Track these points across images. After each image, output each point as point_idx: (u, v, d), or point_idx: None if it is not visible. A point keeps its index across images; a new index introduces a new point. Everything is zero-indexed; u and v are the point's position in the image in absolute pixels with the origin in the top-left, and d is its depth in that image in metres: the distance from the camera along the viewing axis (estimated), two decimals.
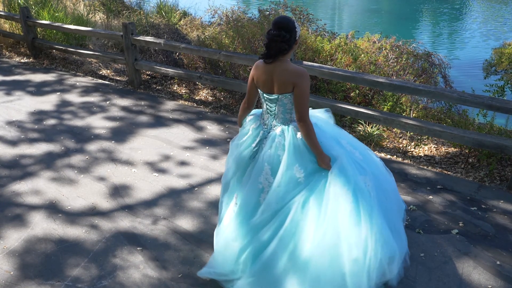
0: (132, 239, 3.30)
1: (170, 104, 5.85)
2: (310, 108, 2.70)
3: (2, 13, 7.98)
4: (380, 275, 2.58)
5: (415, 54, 5.64)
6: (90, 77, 6.91)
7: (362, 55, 5.50)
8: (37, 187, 3.95)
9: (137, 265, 3.05)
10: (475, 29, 13.39)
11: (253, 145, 2.77)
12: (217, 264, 2.78)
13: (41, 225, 3.45)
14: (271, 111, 2.71)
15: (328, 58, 5.62)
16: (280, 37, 2.49)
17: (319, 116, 2.97)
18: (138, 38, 6.06)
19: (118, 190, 3.92)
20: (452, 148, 4.72)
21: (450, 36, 13.17)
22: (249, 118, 2.91)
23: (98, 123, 5.26)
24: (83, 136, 4.93)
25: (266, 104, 2.71)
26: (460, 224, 3.46)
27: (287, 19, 2.55)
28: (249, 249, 2.65)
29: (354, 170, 2.65)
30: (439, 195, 3.84)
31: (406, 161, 4.52)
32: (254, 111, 2.96)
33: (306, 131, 2.57)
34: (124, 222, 3.49)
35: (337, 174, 2.58)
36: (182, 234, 3.36)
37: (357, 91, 5.27)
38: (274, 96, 2.63)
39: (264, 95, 2.68)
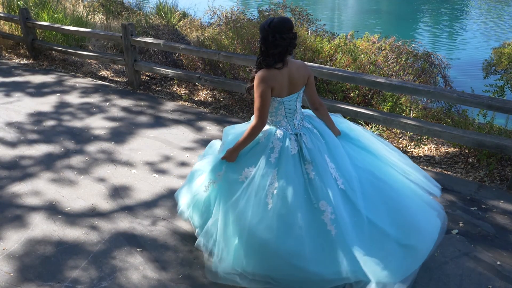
0: (131, 240, 3.30)
1: (169, 105, 5.85)
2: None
3: (1, 15, 7.97)
4: None
5: (415, 54, 5.65)
6: (90, 78, 6.91)
7: (362, 55, 5.50)
8: (37, 188, 3.95)
9: (136, 266, 3.05)
10: (476, 29, 13.38)
11: (294, 152, 2.68)
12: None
13: (41, 227, 3.45)
14: (290, 111, 2.72)
15: (328, 59, 5.63)
16: (296, 38, 2.58)
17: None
18: (138, 39, 6.06)
19: (117, 191, 3.92)
20: (452, 148, 4.71)
21: (451, 37, 13.17)
22: (263, 134, 2.74)
23: (98, 124, 5.26)
24: (83, 137, 4.93)
25: (285, 108, 2.70)
26: (460, 224, 3.46)
27: (289, 19, 2.63)
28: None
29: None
30: None
31: None
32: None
33: (326, 110, 2.94)
34: (124, 223, 3.49)
35: (351, 129, 3.07)
36: (182, 235, 3.36)
37: (357, 92, 5.27)
38: (295, 96, 2.70)
39: (284, 99, 2.66)
